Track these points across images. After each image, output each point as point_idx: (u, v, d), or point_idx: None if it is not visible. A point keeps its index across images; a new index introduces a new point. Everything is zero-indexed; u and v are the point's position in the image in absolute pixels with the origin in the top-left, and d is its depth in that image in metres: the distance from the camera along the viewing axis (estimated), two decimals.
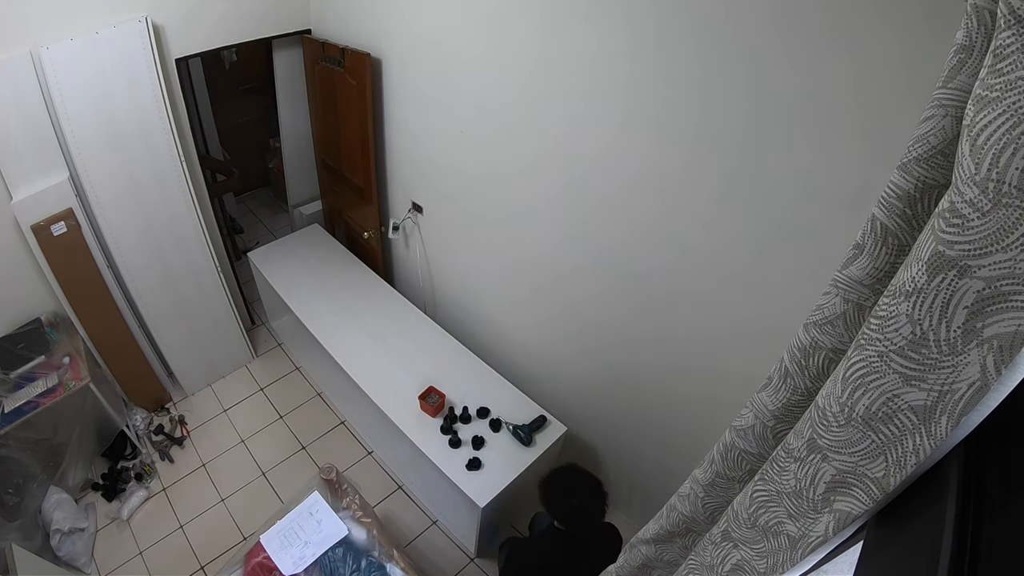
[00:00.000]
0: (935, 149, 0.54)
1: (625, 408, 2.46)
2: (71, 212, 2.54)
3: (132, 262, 2.84)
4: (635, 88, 1.71)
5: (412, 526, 2.84)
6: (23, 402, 2.47)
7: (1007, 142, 0.40)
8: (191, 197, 2.89)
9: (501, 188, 2.45)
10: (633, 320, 2.17)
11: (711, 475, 0.95)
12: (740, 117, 1.50)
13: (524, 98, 2.11)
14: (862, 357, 0.55)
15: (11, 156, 2.36)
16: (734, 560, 0.83)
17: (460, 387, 2.68)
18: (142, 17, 2.44)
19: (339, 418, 3.36)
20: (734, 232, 1.67)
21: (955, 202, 0.44)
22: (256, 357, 3.72)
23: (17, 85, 2.26)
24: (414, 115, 2.75)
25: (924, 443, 0.51)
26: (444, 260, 3.14)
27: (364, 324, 3.03)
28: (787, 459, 0.69)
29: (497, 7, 2.03)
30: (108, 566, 2.63)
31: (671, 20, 1.53)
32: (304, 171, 4.02)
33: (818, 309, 0.70)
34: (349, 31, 2.87)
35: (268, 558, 2.00)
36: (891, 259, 0.61)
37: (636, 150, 1.81)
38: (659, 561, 1.22)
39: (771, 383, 0.79)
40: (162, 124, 2.64)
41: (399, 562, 2.04)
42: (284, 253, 3.53)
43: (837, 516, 0.61)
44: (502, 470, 2.34)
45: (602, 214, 2.06)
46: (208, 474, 3.06)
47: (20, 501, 2.49)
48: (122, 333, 2.99)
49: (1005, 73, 0.40)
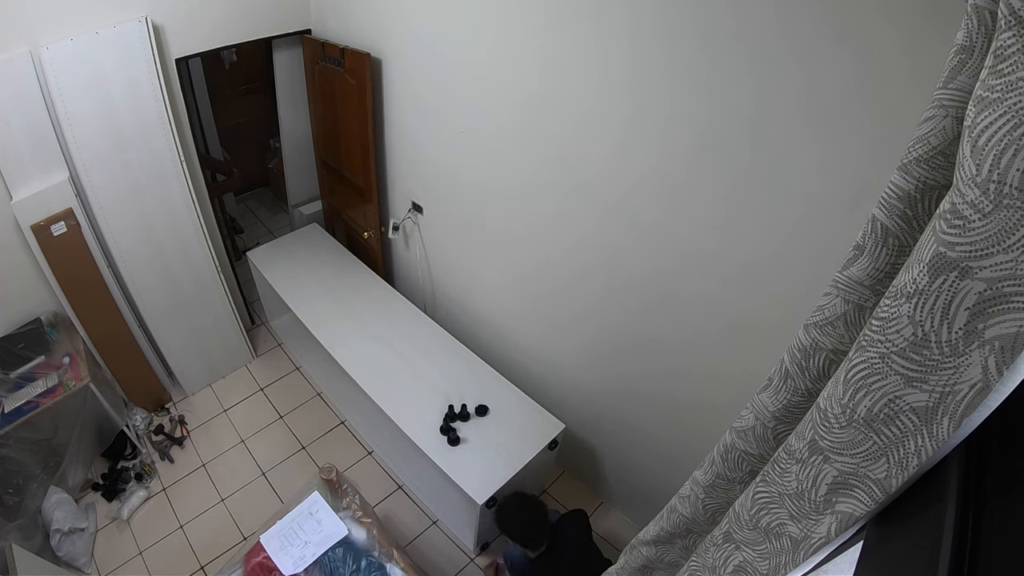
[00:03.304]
0: (936, 150, 0.54)
1: (625, 408, 2.46)
2: (71, 212, 2.54)
3: (132, 262, 2.84)
4: (639, 88, 1.71)
5: (412, 526, 2.84)
6: (23, 402, 2.47)
7: (1008, 143, 0.40)
8: (191, 197, 2.89)
9: (501, 189, 2.45)
10: (633, 320, 2.17)
11: (711, 476, 0.95)
12: (744, 118, 1.49)
13: (525, 99, 2.10)
14: (864, 358, 0.55)
15: (11, 156, 2.36)
16: (736, 561, 0.83)
17: (459, 386, 2.69)
18: (142, 17, 2.43)
19: (339, 418, 3.36)
20: (735, 232, 1.67)
21: (956, 203, 0.44)
22: (256, 357, 3.71)
23: (17, 85, 2.26)
24: (414, 115, 2.75)
25: (926, 444, 0.51)
26: (444, 260, 3.14)
27: (364, 324, 3.03)
28: (788, 460, 0.69)
29: (499, 7, 2.03)
30: (108, 566, 2.63)
31: (676, 19, 1.53)
32: (304, 171, 4.02)
33: (819, 310, 0.70)
34: (349, 31, 2.87)
35: (268, 558, 2.00)
36: (892, 260, 0.61)
37: (639, 151, 1.81)
38: (659, 562, 1.22)
39: (771, 384, 0.79)
40: (162, 124, 2.64)
41: (399, 562, 2.04)
42: (284, 253, 3.53)
43: (839, 517, 0.61)
44: (501, 467, 2.35)
45: (604, 216, 2.05)
46: (208, 474, 3.06)
47: (20, 501, 2.49)
48: (122, 333, 2.99)
49: (1006, 74, 0.40)
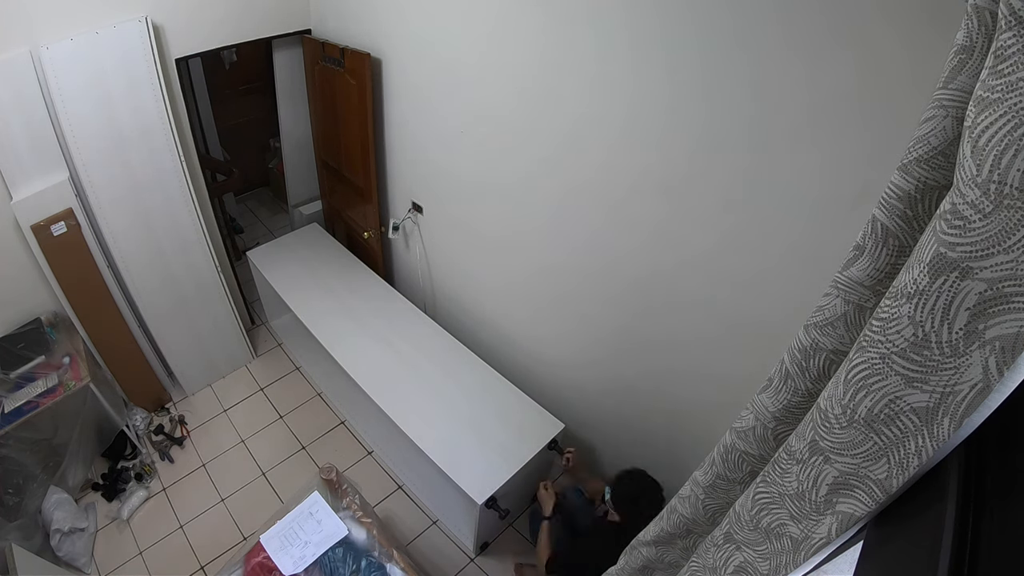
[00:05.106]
0: (936, 150, 0.54)
1: (625, 408, 2.45)
2: (71, 212, 2.54)
3: (132, 262, 2.84)
4: (639, 89, 1.71)
5: (412, 526, 2.84)
6: (23, 402, 2.47)
7: (1008, 144, 0.40)
8: (191, 197, 2.89)
9: (501, 188, 2.45)
10: (633, 320, 2.17)
11: (711, 477, 0.95)
12: (743, 118, 1.49)
13: (526, 100, 2.10)
14: (864, 359, 0.55)
15: (11, 156, 2.36)
16: (737, 562, 0.83)
17: (459, 385, 2.69)
18: (142, 17, 2.43)
19: (339, 418, 3.36)
20: (734, 232, 1.67)
21: (956, 204, 0.44)
22: (256, 357, 3.71)
23: (17, 85, 2.26)
24: (414, 115, 2.75)
25: (926, 444, 0.51)
26: (444, 260, 3.14)
27: (364, 324, 3.03)
28: (789, 461, 0.69)
29: (499, 8, 2.02)
30: (108, 566, 2.62)
31: (675, 20, 1.53)
32: (304, 171, 4.02)
33: (819, 310, 0.70)
34: (349, 31, 2.87)
35: (268, 558, 2.00)
36: (892, 260, 0.61)
37: (640, 151, 1.81)
38: (660, 563, 1.22)
39: (771, 385, 0.79)
40: (162, 124, 2.64)
41: (399, 562, 2.04)
42: (284, 253, 3.53)
43: (840, 518, 0.61)
44: (501, 467, 2.35)
45: (604, 216, 2.05)
46: (208, 474, 3.06)
47: (20, 501, 2.49)
48: (122, 333, 2.99)
49: (1006, 74, 0.40)
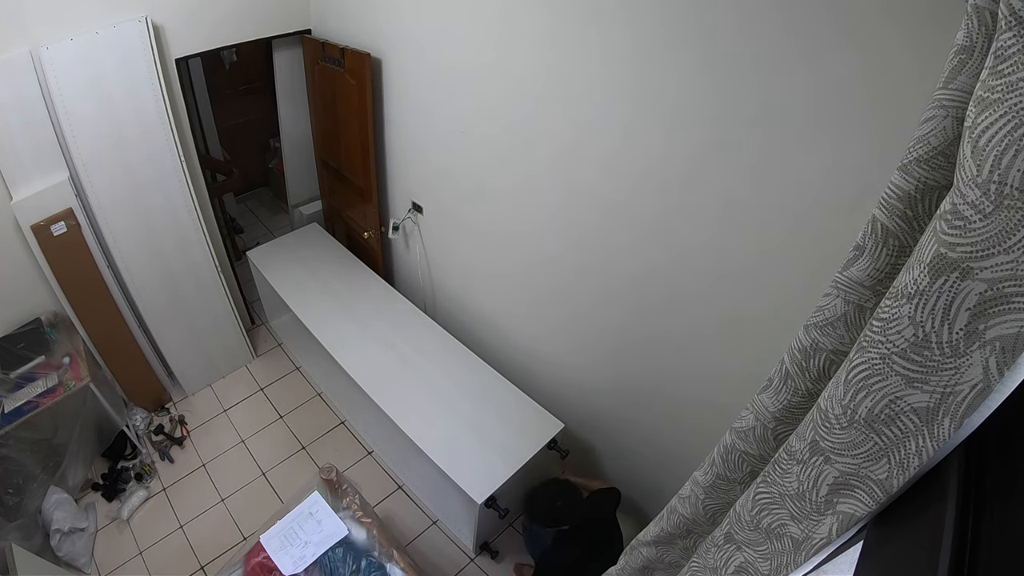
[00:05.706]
0: (936, 150, 0.54)
1: (625, 408, 2.45)
2: (71, 212, 2.54)
3: (132, 262, 2.84)
4: (641, 88, 1.71)
5: (412, 526, 2.84)
6: (23, 402, 2.47)
7: (1009, 144, 0.40)
8: (191, 197, 2.89)
9: (501, 188, 2.45)
10: (633, 320, 2.17)
11: (711, 477, 0.95)
12: (746, 118, 1.49)
13: (526, 100, 2.10)
14: (864, 359, 0.55)
15: (11, 156, 2.36)
16: (737, 562, 0.83)
17: (459, 385, 2.69)
18: (142, 17, 2.43)
19: (339, 418, 3.36)
20: (734, 232, 1.67)
21: (957, 204, 0.44)
22: (256, 357, 3.71)
23: (17, 85, 2.26)
24: (414, 115, 2.75)
25: (927, 445, 0.51)
26: (444, 260, 3.14)
27: (364, 324, 3.03)
28: (789, 461, 0.69)
29: (500, 8, 2.02)
30: (108, 566, 2.62)
31: (678, 20, 1.53)
32: (304, 171, 4.01)
33: (819, 310, 0.70)
34: (349, 31, 2.87)
35: (268, 558, 2.00)
36: (892, 260, 0.61)
37: (640, 151, 1.81)
38: (660, 563, 1.22)
39: (771, 385, 0.79)
40: (162, 124, 2.64)
41: (399, 562, 2.04)
42: (284, 253, 3.53)
43: (840, 518, 0.61)
44: (501, 467, 2.35)
45: (604, 216, 2.05)
46: (208, 474, 3.06)
47: (20, 501, 2.49)
48: (122, 333, 2.99)
49: (1007, 74, 0.40)
